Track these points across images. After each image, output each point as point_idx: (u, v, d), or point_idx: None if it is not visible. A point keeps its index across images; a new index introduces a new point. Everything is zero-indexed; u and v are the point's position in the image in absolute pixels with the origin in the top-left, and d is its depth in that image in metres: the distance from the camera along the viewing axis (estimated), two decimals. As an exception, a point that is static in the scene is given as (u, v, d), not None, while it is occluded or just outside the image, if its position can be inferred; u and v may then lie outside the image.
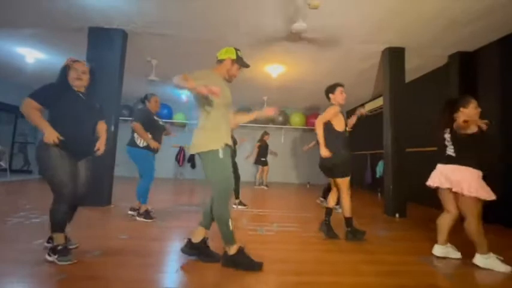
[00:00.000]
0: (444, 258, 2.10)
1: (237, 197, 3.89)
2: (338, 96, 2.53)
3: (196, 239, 1.87)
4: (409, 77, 4.79)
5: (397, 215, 3.65)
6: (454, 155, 2.10)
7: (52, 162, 1.72)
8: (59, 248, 1.73)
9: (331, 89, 2.58)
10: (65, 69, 1.85)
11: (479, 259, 1.96)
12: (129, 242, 2.21)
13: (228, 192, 1.75)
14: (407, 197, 3.80)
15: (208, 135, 1.76)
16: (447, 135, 2.17)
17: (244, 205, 3.91)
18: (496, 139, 3.47)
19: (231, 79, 1.95)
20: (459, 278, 1.80)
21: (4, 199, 4.07)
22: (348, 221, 2.51)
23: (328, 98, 2.60)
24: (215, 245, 1.94)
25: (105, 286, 1.48)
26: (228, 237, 1.74)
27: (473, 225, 1.96)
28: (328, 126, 2.48)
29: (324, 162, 2.50)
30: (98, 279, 1.56)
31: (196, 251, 1.86)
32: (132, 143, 3.00)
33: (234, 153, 3.96)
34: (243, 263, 1.73)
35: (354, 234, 2.48)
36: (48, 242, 1.89)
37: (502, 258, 1.95)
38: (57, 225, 1.76)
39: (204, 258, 1.84)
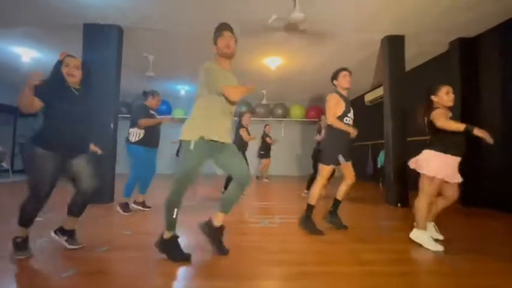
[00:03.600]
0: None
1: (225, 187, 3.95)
2: (341, 81, 2.46)
3: (217, 222, 1.87)
4: (410, 65, 4.74)
5: (398, 205, 3.66)
6: (428, 142, 2.25)
7: (35, 163, 1.71)
8: (18, 240, 1.77)
9: (334, 76, 2.53)
10: (59, 64, 1.83)
11: (414, 233, 2.13)
12: (133, 237, 2.23)
13: (183, 185, 1.74)
14: (409, 186, 3.81)
15: (190, 124, 1.76)
16: (426, 122, 2.26)
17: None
18: (498, 127, 3.46)
19: (228, 55, 1.82)
20: (463, 264, 1.81)
21: (7, 199, 4.10)
22: (307, 207, 2.44)
23: (334, 85, 2.54)
24: (233, 238, 1.95)
25: (112, 281, 1.50)
26: (168, 223, 1.75)
27: (419, 201, 2.11)
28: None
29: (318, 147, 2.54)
30: (105, 274, 1.57)
31: (212, 234, 1.87)
32: (126, 139, 3.07)
33: (243, 147, 4.00)
34: (171, 251, 1.74)
35: (307, 222, 2.42)
36: (55, 233, 1.92)
37: (440, 237, 2.16)
38: (23, 219, 1.77)
39: (213, 247, 1.86)
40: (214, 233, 1.87)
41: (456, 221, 2.20)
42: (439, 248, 2.00)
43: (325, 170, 2.41)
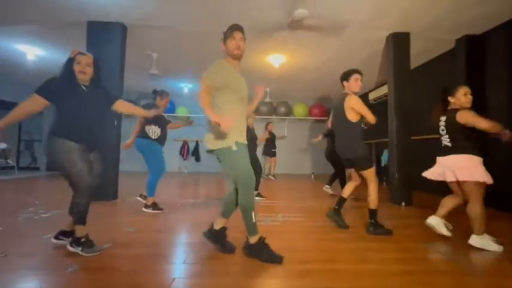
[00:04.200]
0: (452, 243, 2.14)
1: (256, 189, 3.94)
2: (352, 85, 2.40)
3: (217, 226, 1.92)
4: (415, 63, 4.68)
5: (403, 203, 3.64)
6: (450, 144, 2.15)
7: (66, 156, 1.71)
8: (83, 240, 1.79)
9: (345, 76, 2.45)
10: (70, 62, 1.83)
11: (475, 239, 2.03)
12: (137, 234, 2.24)
13: (249, 182, 1.73)
14: (414, 185, 3.78)
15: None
16: (442, 123, 2.20)
17: (262, 197, 3.96)
18: (504, 125, 3.40)
19: (238, 56, 1.81)
20: (465, 263, 1.80)
21: (13, 196, 4.15)
22: (372, 213, 2.39)
23: (343, 86, 2.49)
24: (235, 235, 1.95)
25: (115, 277, 1.51)
26: (250, 227, 1.77)
27: (476, 208, 2.02)
28: (343, 118, 2.39)
29: (346, 155, 2.45)
30: (108, 270, 1.59)
31: (215, 237, 1.91)
32: (143, 135, 2.98)
33: (253, 147, 3.99)
34: (263, 253, 1.75)
35: (376, 227, 2.37)
36: (56, 238, 1.92)
37: (495, 239, 2.04)
38: (81, 218, 1.80)
39: (219, 248, 1.88)
40: (217, 237, 1.91)
41: (461, 220, 2.19)
42: (501, 247, 1.99)
43: (372, 172, 2.37)
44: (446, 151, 2.16)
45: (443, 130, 2.19)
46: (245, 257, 1.79)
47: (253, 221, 1.76)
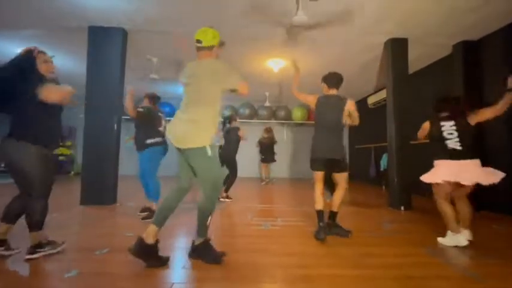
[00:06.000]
0: (453, 247, 2.15)
1: (226, 191, 4.05)
2: None
3: (151, 239, 1.71)
4: (413, 68, 4.72)
5: (402, 208, 3.63)
6: (460, 148, 2.18)
7: None
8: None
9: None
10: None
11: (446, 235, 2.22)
12: (135, 239, 2.22)
13: (218, 191, 1.81)
14: (413, 189, 3.78)
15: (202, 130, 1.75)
16: (449, 126, 2.22)
17: (229, 199, 4.05)
18: (502, 131, 3.43)
19: None
20: (466, 269, 1.79)
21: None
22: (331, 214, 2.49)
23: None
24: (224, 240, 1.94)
25: (113, 282, 1.50)
26: (202, 230, 1.80)
27: (437, 206, 2.23)
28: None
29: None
30: (106, 275, 1.58)
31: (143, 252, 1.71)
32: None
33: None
34: (207, 254, 1.77)
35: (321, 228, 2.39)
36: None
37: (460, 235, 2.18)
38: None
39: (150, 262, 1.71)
40: (145, 251, 1.68)
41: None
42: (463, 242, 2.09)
43: (314, 175, 2.49)
44: (455, 155, 2.26)
45: (450, 133, 2.31)
46: (245, 262, 1.78)
47: (208, 223, 1.81)
